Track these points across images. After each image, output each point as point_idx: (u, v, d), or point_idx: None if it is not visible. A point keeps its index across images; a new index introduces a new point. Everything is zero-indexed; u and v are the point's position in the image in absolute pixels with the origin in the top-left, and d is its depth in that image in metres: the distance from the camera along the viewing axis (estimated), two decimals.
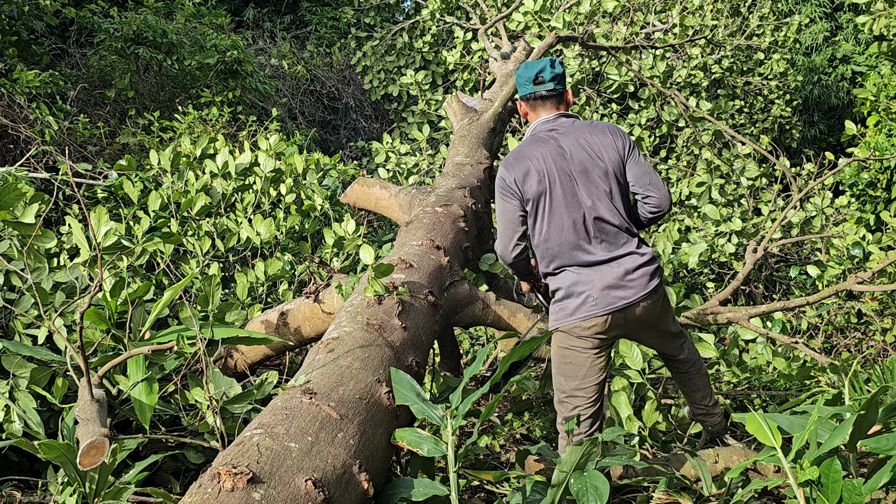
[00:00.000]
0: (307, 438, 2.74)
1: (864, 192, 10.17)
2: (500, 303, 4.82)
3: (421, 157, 11.21)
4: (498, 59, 8.88)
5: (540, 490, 3.12)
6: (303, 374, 3.26)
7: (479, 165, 6.37)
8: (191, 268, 5.75)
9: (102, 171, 7.65)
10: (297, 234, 6.89)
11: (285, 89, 15.11)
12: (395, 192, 6.01)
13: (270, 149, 7.71)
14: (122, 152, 9.59)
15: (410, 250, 4.63)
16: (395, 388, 3.24)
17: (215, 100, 11.36)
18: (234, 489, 2.39)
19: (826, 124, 17.95)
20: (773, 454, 2.73)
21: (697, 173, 9.98)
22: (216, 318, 4.52)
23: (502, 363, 3.07)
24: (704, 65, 12.45)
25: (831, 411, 3.02)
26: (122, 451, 3.61)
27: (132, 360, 3.75)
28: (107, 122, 10.67)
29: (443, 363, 5.54)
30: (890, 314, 7.94)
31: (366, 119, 16.59)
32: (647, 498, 3.48)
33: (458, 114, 7.43)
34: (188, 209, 6.20)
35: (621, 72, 10.49)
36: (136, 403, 3.69)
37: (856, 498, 2.38)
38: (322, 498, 2.52)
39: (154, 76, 11.81)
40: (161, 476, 4.20)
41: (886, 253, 7.88)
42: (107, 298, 4.06)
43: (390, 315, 3.82)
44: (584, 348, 3.67)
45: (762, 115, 14.39)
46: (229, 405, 3.85)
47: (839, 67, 18.07)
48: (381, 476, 3.08)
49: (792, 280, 8.96)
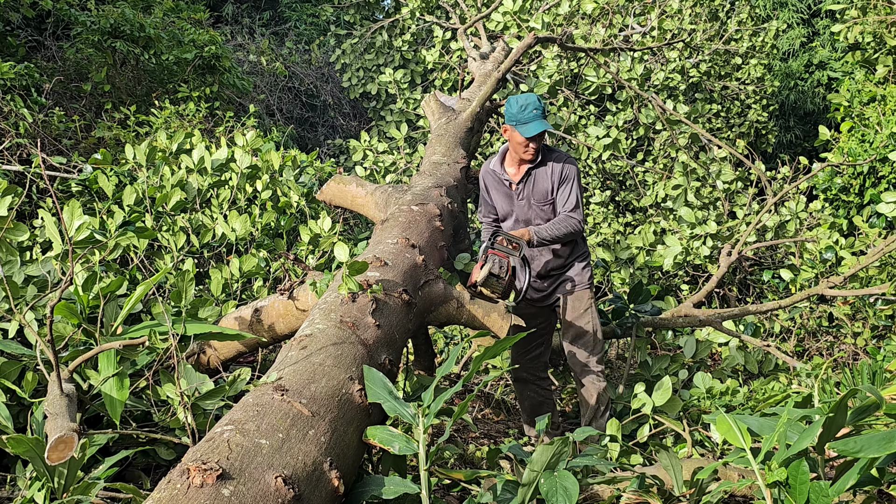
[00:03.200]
0: (278, 435, 2.73)
1: (838, 197, 10.25)
2: (475, 302, 4.82)
3: (398, 155, 11.20)
4: (477, 59, 8.90)
5: (510, 489, 3.13)
6: (275, 370, 3.25)
7: (455, 165, 6.38)
8: (165, 263, 5.72)
9: (77, 165, 7.60)
10: (272, 230, 6.87)
11: (263, 86, 15.05)
12: (372, 190, 6.01)
13: (247, 145, 7.68)
14: (98, 146, 9.52)
15: (385, 248, 4.63)
16: (368, 385, 3.23)
17: (192, 95, 11.30)
18: (203, 485, 2.38)
19: (802, 129, 18.07)
20: (743, 455, 2.75)
21: (674, 176, 10.03)
22: (189, 313, 4.50)
23: (475, 362, 3.07)
24: (682, 68, 12.50)
25: (801, 413, 3.04)
26: (91, 447, 3.58)
27: (103, 355, 3.72)
28: (82, 115, 10.58)
29: (417, 362, 5.54)
30: (861, 318, 8.01)
31: (344, 117, 16.56)
32: (616, 497, 3.50)
33: (436, 113, 7.44)
34: (163, 204, 6.17)
35: (599, 74, 10.53)
36: (106, 398, 3.66)
37: (823, 499, 2.40)
38: (292, 495, 2.52)
39: (131, 70, 11.74)
40: (132, 472, 4.18)
41: (858, 258, 7.94)
42: (78, 293, 4.03)
43: (364, 313, 3.82)
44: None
45: (739, 120, 14.47)
46: (201, 401, 3.84)
47: (815, 73, 18.21)
48: (352, 474, 3.08)
49: (765, 284, 9.02)
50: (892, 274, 7.72)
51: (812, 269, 8.17)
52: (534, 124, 4.89)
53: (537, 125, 4.89)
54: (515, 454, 3.61)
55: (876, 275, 7.84)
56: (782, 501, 2.56)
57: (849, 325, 7.96)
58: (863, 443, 2.48)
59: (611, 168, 12.29)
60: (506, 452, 3.64)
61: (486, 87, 7.53)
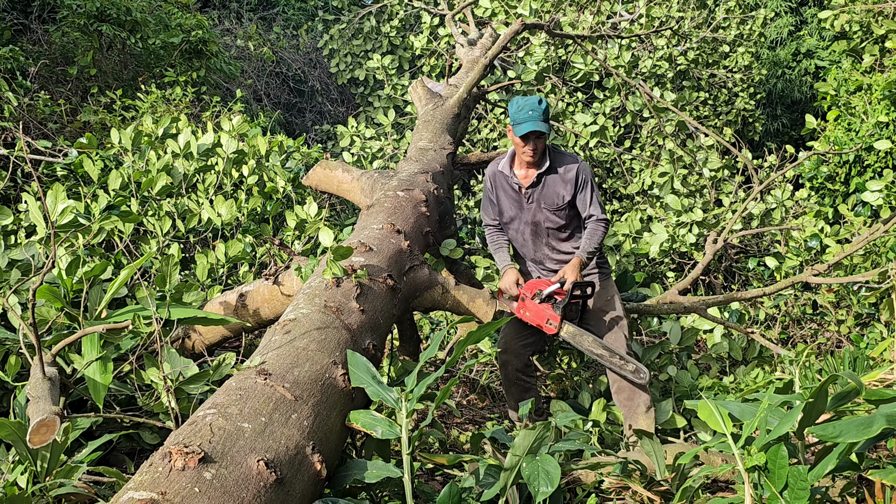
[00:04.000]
0: (261, 419, 2.74)
1: (823, 185, 10.28)
2: (460, 288, 4.84)
3: (386, 141, 11.18)
4: (464, 45, 8.88)
5: (493, 473, 3.14)
6: (258, 355, 3.26)
7: (442, 151, 6.38)
8: (150, 248, 5.70)
9: (62, 149, 7.56)
10: (258, 216, 6.85)
11: (250, 71, 14.97)
12: (358, 176, 6.01)
13: (233, 130, 7.65)
14: (83, 130, 9.47)
15: (371, 234, 4.63)
16: (352, 370, 3.24)
17: (179, 79, 11.24)
18: (185, 468, 2.38)
19: (789, 118, 18.09)
20: (724, 440, 2.76)
21: (660, 163, 10.04)
22: (174, 298, 4.49)
23: (458, 347, 3.08)
24: (670, 56, 12.50)
25: (782, 399, 3.06)
26: (74, 430, 3.58)
27: (87, 339, 3.71)
28: (68, 99, 10.52)
29: (402, 348, 5.55)
30: (845, 306, 8.05)
31: (331, 103, 16.49)
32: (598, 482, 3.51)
33: (423, 99, 7.43)
34: (149, 189, 6.14)
35: (587, 61, 10.52)
36: (90, 382, 3.65)
37: (801, 484, 2.42)
38: (274, 478, 2.52)
39: (117, 54, 11.66)
40: (116, 457, 4.18)
41: (843, 246, 7.98)
42: (62, 276, 4.02)
43: (348, 298, 3.82)
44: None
45: (726, 108, 14.48)
46: (185, 385, 3.83)
47: (803, 62, 18.22)
48: (335, 458, 3.09)
49: (750, 271, 9.06)
50: (876, 262, 7.75)
51: (797, 256, 8.20)
52: (525, 125, 4.76)
53: (528, 125, 4.76)
54: (498, 439, 3.63)
55: (860, 263, 7.87)
56: (762, 486, 2.57)
57: (833, 313, 8.00)
58: (842, 428, 2.49)
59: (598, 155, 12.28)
60: (489, 437, 3.66)
61: (473, 74, 7.51)
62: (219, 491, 2.37)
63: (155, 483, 2.32)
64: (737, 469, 2.66)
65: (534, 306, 4.78)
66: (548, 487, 2.85)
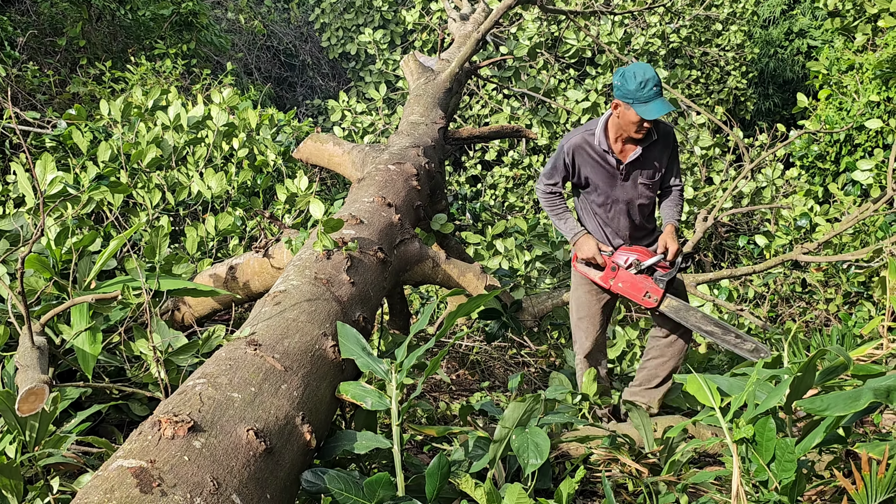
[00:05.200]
0: (250, 389, 2.74)
1: (814, 164, 10.31)
2: (450, 261, 4.83)
3: (377, 116, 11.15)
4: (457, 20, 8.84)
5: (482, 445, 3.15)
6: (248, 325, 3.25)
7: (434, 125, 6.36)
8: (140, 221, 5.68)
9: (51, 121, 7.51)
10: (248, 189, 6.83)
11: (241, 44, 14.91)
12: (349, 149, 5.99)
13: (224, 102, 7.62)
14: (72, 102, 9.42)
15: (361, 207, 4.62)
16: (342, 341, 3.24)
17: (169, 52, 11.18)
18: (174, 437, 2.38)
19: (780, 97, 18.10)
20: (712, 414, 2.78)
21: None
22: (163, 269, 4.47)
23: (447, 319, 3.08)
24: (662, 33, 12.48)
25: (770, 374, 3.07)
26: (63, 400, 3.57)
27: (76, 309, 3.70)
28: (57, 70, 10.45)
29: (392, 321, 5.56)
30: (834, 285, 8.08)
31: (323, 77, 16.44)
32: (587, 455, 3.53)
33: (415, 73, 7.40)
34: (138, 161, 6.11)
35: (580, 37, 10.50)
36: (78, 353, 3.64)
37: (788, 456, 2.43)
38: (263, 448, 2.52)
39: (107, 25, 11.58)
40: (105, 428, 4.17)
41: (832, 225, 8.00)
42: (51, 247, 4.00)
43: (339, 270, 3.81)
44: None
45: (718, 87, 14.48)
46: (174, 357, 3.83)
47: (795, 41, 18.21)
48: (324, 429, 3.09)
49: (740, 249, 9.08)
50: (865, 241, 7.78)
51: (787, 235, 8.22)
52: (655, 104, 4.22)
53: (660, 106, 4.23)
54: (488, 411, 3.64)
55: (849, 242, 7.90)
56: (749, 459, 2.59)
57: (821, 292, 8.04)
58: (829, 401, 2.50)
59: None
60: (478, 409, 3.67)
61: (465, 49, 7.48)
62: (208, 459, 2.37)
63: (144, 451, 2.32)
64: (724, 442, 2.68)
65: (629, 276, 4.47)
66: (537, 459, 2.86)
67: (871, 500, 2.48)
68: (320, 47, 16.16)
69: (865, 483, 2.48)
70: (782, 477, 2.44)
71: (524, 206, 12.33)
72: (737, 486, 2.36)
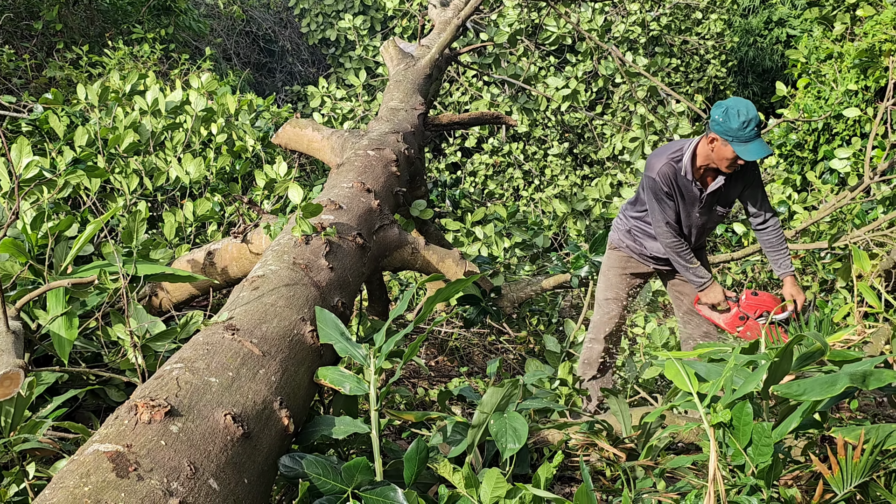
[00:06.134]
0: (228, 374, 2.72)
1: (792, 152, 10.36)
2: (430, 248, 4.83)
3: (357, 102, 11.11)
4: (437, 6, 8.81)
5: (460, 430, 3.15)
6: (226, 310, 3.24)
7: (413, 111, 6.34)
8: (117, 205, 5.64)
9: (27, 105, 7.44)
10: (227, 174, 6.80)
11: (220, 29, 14.80)
12: (328, 135, 5.97)
13: (202, 87, 7.57)
14: (49, 86, 9.33)
15: (340, 192, 4.60)
16: (320, 326, 3.23)
17: (147, 36, 11.09)
18: (151, 421, 2.36)
19: (760, 86, 18.16)
20: (690, 399, 2.78)
21: (631, 129, 10.06)
22: (141, 255, 4.45)
23: (426, 304, 3.07)
24: (643, 21, 12.49)
25: (747, 359, 3.08)
26: (39, 385, 3.55)
27: (52, 294, 3.67)
28: (33, 54, 10.35)
29: (371, 307, 5.55)
30: (811, 272, 8.13)
31: (302, 63, 16.36)
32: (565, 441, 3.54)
33: (395, 59, 7.38)
34: (116, 146, 6.07)
35: (560, 24, 10.49)
36: (54, 338, 3.62)
37: (765, 440, 2.45)
38: (241, 432, 2.52)
39: (84, 9, 11.47)
40: (82, 414, 4.15)
41: (810, 213, 8.05)
42: (27, 231, 3.97)
43: (317, 255, 3.80)
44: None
45: (698, 75, 14.52)
46: (152, 343, 3.81)
47: (774, 30, 18.27)
48: (302, 413, 3.08)
49: (718, 237, 9.11)
50: (842, 229, 7.83)
51: None
52: (755, 145, 4.20)
53: (760, 148, 4.21)
54: (466, 396, 3.64)
55: (827, 230, 7.94)
56: (726, 443, 2.60)
57: (799, 279, 8.08)
58: (806, 386, 2.51)
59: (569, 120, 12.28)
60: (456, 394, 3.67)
61: (445, 35, 7.47)
62: (185, 444, 2.36)
63: (121, 435, 2.30)
64: (702, 428, 2.69)
65: (756, 326, 4.56)
66: (515, 444, 2.86)
67: (845, 484, 2.50)
68: (300, 33, 16.07)
69: (841, 467, 2.50)
70: (759, 461, 2.45)
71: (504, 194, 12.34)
72: (713, 470, 2.37)
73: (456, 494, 2.70)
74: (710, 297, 4.65)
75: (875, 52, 9.56)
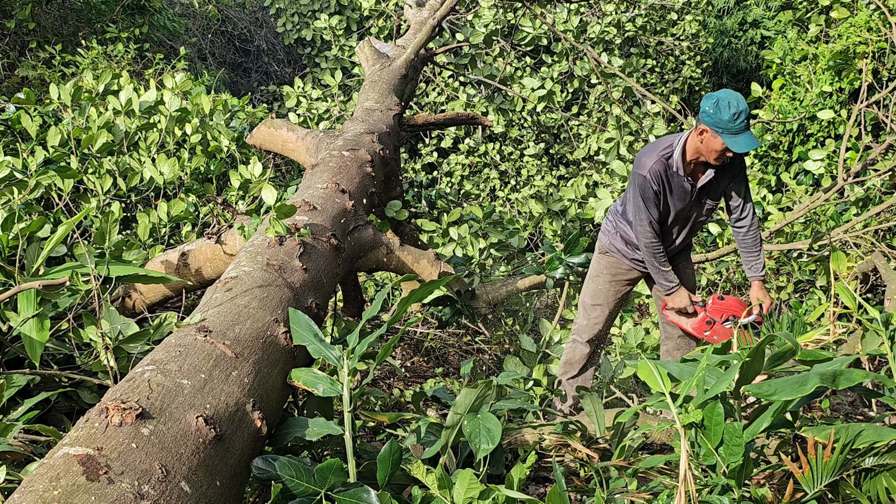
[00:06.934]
0: (200, 376, 2.71)
1: (767, 153, 10.43)
2: (405, 248, 4.82)
3: (332, 103, 11.09)
4: (413, 6, 8.80)
5: (434, 431, 3.15)
6: (199, 312, 3.22)
7: (389, 112, 6.34)
8: (90, 206, 5.60)
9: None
10: (201, 175, 6.77)
11: (195, 29, 14.74)
12: (303, 135, 5.95)
13: (177, 87, 7.53)
14: (21, 85, 9.26)
15: (315, 193, 4.59)
16: (293, 328, 3.22)
17: (121, 36, 11.02)
18: (122, 424, 2.35)
19: (734, 87, 18.26)
20: (662, 399, 2.80)
21: (607, 129, 10.09)
22: (114, 256, 4.42)
23: (400, 305, 3.07)
24: (618, 22, 12.53)
25: (720, 359, 3.10)
26: (10, 388, 3.52)
27: (23, 295, 3.64)
28: (5, 53, 10.27)
29: (346, 308, 5.54)
30: (786, 273, 8.19)
31: (278, 63, 16.31)
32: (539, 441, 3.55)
33: (371, 59, 7.37)
34: (89, 146, 6.02)
35: (535, 25, 10.50)
36: (25, 340, 3.59)
37: (736, 440, 2.46)
38: (213, 435, 2.50)
39: (57, 8, 11.40)
40: (54, 416, 4.11)
41: (785, 213, 8.10)
42: None
43: (291, 256, 3.79)
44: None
45: (673, 76, 14.59)
46: (125, 344, 3.78)
47: (749, 31, 18.39)
48: (276, 415, 3.07)
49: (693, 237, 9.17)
50: (816, 230, 7.90)
51: None
52: (745, 137, 4.22)
53: (750, 140, 4.24)
54: (440, 397, 3.64)
55: (801, 231, 8.01)
56: (698, 443, 2.62)
57: (773, 280, 8.13)
58: (777, 386, 2.53)
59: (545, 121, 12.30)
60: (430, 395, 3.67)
61: (420, 35, 7.46)
62: (157, 447, 2.34)
63: (91, 438, 2.29)
64: (674, 428, 2.70)
65: (723, 330, 4.63)
66: (489, 444, 2.87)
67: (816, 483, 2.52)
68: (275, 33, 16.02)
69: (811, 466, 2.52)
70: (730, 461, 2.47)
71: (480, 194, 12.35)
72: (685, 469, 2.38)
73: (429, 496, 2.70)
74: (676, 301, 4.71)
75: (849, 55, 9.64)
